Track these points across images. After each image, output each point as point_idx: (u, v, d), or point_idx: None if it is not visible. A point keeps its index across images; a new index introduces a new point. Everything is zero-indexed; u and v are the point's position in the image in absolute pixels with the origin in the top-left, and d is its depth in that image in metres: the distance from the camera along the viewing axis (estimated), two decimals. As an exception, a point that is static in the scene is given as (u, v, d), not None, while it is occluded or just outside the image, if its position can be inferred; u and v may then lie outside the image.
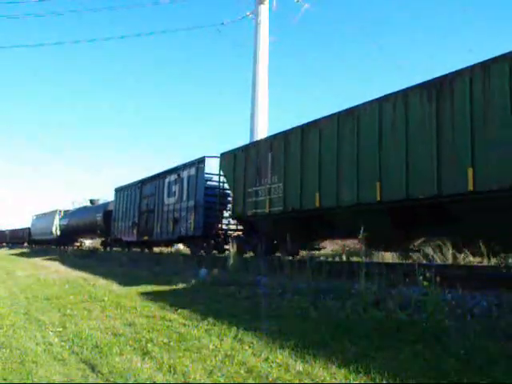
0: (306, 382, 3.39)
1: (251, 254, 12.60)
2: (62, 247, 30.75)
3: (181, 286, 8.83)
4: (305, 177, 10.29)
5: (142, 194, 18.59)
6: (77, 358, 4.25)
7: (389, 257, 11.51)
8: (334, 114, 9.81)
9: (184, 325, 5.41)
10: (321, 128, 10.10)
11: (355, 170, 9.01)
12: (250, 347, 4.31)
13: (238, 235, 13.64)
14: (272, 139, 11.78)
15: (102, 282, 10.38)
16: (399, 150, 8.20)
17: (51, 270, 15.05)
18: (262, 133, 20.28)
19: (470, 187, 6.99)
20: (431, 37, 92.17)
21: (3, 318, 6.23)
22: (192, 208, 14.36)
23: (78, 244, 31.36)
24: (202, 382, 3.47)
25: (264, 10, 21.94)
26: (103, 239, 24.88)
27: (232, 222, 13.99)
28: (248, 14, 22.68)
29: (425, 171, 7.74)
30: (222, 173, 13.78)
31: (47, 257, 24.15)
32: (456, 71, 7.54)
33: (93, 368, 3.91)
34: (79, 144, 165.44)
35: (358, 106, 9.22)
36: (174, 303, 6.82)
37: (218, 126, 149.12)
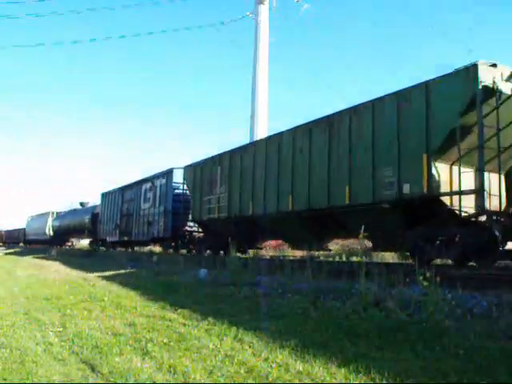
0: (305, 381, 3.39)
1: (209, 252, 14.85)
2: (56, 247, 32.02)
3: (180, 285, 8.83)
4: (243, 189, 12.65)
5: (123, 199, 20.62)
6: (77, 358, 4.25)
7: (389, 257, 11.52)
8: (263, 139, 12.65)
9: (184, 325, 5.41)
10: (255, 149, 12.52)
11: (277, 185, 11.42)
12: (250, 347, 4.31)
13: (199, 236, 16.11)
14: (220, 157, 14.02)
15: (101, 282, 10.38)
16: (304, 171, 10.56)
17: (51, 269, 15.05)
18: (262, 133, 20.28)
19: (347, 201, 9.33)
20: (431, 37, 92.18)
21: (3, 317, 6.23)
22: (162, 213, 16.58)
23: (70, 244, 33.60)
24: (202, 382, 3.46)
25: (264, 9, 21.96)
26: (91, 239, 26.82)
27: (196, 224, 16.14)
28: (248, 13, 22.68)
29: (320, 188, 10.07)
30: (185, 183, 16.16)
31: (41, 255, 24.95)
32: (341, 111, 9.95)
33: (93, 368, 3.91)
34: (78, 145, 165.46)
35: (280, 132, 11.73)
36: (174, 303, 6.82)
37: (218, 126, 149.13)
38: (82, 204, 32.14)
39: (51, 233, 34.23)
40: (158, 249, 19.54)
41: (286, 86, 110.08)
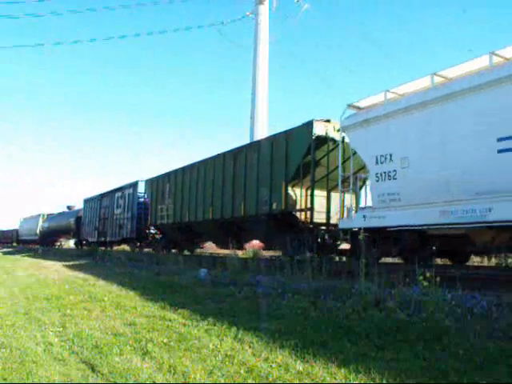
0: (305, 381, 3.39)
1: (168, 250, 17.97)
2: (45, 246, 34.88)
3: (181, 285, 8.83)
4: (182, 201, 16.19)
5: (101, 205, 23.95)
6: (77, 358, 4.25)
7: (388, 257, 11.51)
8: (195, 163, 15.72)
9: (184, 325, 5.41)
10: (190, 171, 16.01)
11: (203, 199, 14.84)
12: (250, 347, 4.31)
13: (157, 238, 19.37)
14: (169, 174, 17.59)
15: (101, 282, 10.37)
16: (219, 190, 13.84)
17: (51, 269, 15.05)
18: (261, 133, 20.27)
19: (242, 213, 12.58)
20: (431, 36, 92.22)
21: (3, 318, 6.23)
22: (130, 217, 19.93)
23: (58, 243, 36.39)
24: (202, 382, 3.47)
25: (264, 9, 21.95)
26: (76, 240, 30.29)
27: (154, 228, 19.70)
28: (248, 13, 22.69)
29: (229, 203, 13.24)
30: (146, 193, 19.65)
31: (30, 254, 27.39)
32: (241, 146, 13.34)
33: (93, 368, 3.92)
34: (77, 145, 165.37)
35: (206, 159, 15.16)
36: (174, 303, 6.82)
37: (218, 126, 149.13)
38: (68, 207, 35.49)
39: (42, 233, 37.23)
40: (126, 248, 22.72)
41: (286, 85, 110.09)
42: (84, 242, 27.54)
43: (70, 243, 33.62)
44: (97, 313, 6.44)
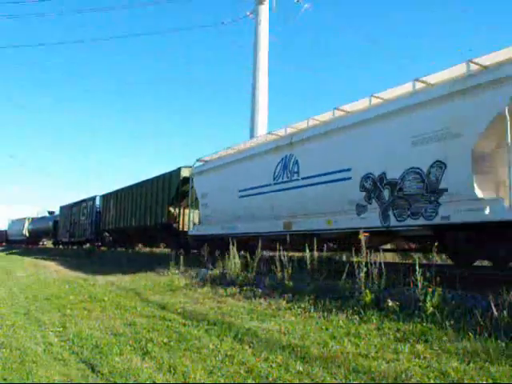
0: (305, 381, 3.39)
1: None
2: (30, 246, 41.16)
3: (181, 285, 8.83)
4: (120, 212, 21.54)
5: (72, 212, 29.64)
6: (77, 358, 4.25)
7: (389, 257, 11.51)
8: (128, 187, 21.07)
9: (184, 325, 5.41)
10: (124, 193, 21.56)
11: (130, 211, 20.08)
12: (250, 347, 4.31)
13: (110, 239, 24.77)
14: (113, 193, 23.10)
15: (101, 281, 10.38)
16: (138, 206, 19.18)
17: (51, 269, 15.06)
18: (262, 133, 20.23)
19: (149, 223, 17.90)
20: (431, 36, 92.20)
21: (3, 317, 6.24)
22: (90, 223, 25.89)
23: (41, 243, 42.04)
24: (202, 382, 3.47)
25: (264, 10, 21.93)
26: (53, 240, 36.17)
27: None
28: (248, 13, 22.68)
29: (142, 215, 18.62)
30: (100, 205, 25.65)
31: (16, 251, 32.87)
32: (142, 181, 19.56)
33: (93, 368, 3.92)
34: (75, 145, 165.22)
35: (132, 185, 20.61)
36: (173, 303, 6.83)
37: (218, 126, 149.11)
38: (49, 212, 41.90)
39: (27, 234, 42.73)
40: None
41: (286, 85, 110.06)
42: (60, 242, 33.57)
43: (50, 243, 39.38)
44: (97, 313, 6.44)
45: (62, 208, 33.01)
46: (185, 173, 15.93)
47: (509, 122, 5.86)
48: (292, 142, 9.83)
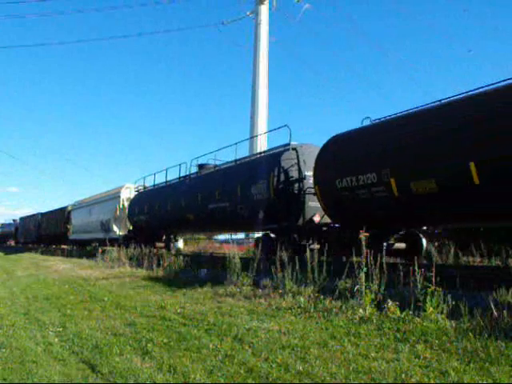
0: (305, 381, 3.39)
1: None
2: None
3: (181, 285, 8.83)
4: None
5: (26, 222, 43.78)
6: (77, 358, 4.25)
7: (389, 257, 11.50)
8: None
9: (184, 325, 5.41)
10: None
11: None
12: (249, 347, 4.31)
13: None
14: (89, 203, 28.46)
15: (101, 281, 10.38)
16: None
17: (50, 269, 15.06)
18: (262, 132, 20.22)
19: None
20: (431, 36, 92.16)
21: (3, 318, 6.24)
22: (35, 230, 37.96)
23: (8, 243, 56.21)
24: (202, 382, 3.47)
25: (264, 9, 21.94)
26: (15, 241, 51.37)
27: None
28: (248, 13, 22.68)
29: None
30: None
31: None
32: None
33: (93, 368, 3.92)
34: (73, 145, 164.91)
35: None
36: (173, 303, 6.82)
37: (218, 126, 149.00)
38: (13, 220, 57.70)
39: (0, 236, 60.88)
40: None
41: (286, 85, 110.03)
42: (21, 242, 46.72)
43: (12, 243, 54.85)
44: (97, 313, 6.44)
45: (20, 218, 48.61)
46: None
47: None
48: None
